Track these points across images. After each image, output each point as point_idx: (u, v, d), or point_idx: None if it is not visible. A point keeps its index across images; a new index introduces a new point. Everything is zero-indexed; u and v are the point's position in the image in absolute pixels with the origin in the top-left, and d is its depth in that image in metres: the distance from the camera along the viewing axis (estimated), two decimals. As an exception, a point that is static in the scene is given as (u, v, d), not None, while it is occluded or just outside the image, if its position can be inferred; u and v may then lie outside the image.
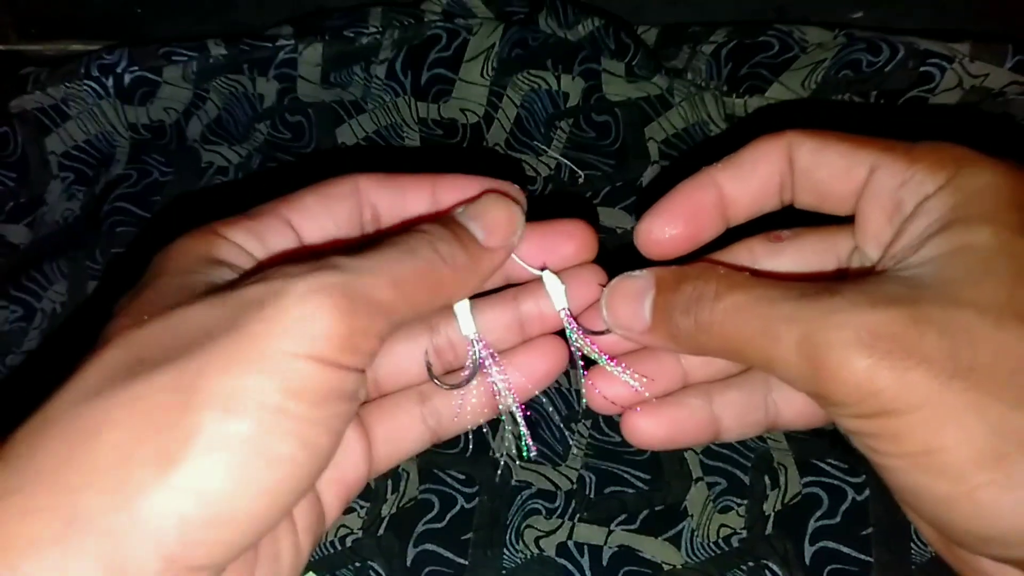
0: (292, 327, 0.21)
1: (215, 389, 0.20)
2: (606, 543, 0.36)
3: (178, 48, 0.46)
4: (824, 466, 0.37)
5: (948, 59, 0.42)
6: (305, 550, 0.25)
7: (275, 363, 0.20)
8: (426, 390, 0.28)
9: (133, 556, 0.19)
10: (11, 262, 0.44)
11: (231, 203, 0.26)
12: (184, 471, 0.19)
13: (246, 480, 0.20)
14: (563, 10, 0.45)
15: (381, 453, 0.28)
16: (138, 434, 0.19)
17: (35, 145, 0.45)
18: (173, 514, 0.19)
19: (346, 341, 0.21)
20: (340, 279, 0.21)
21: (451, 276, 0.24)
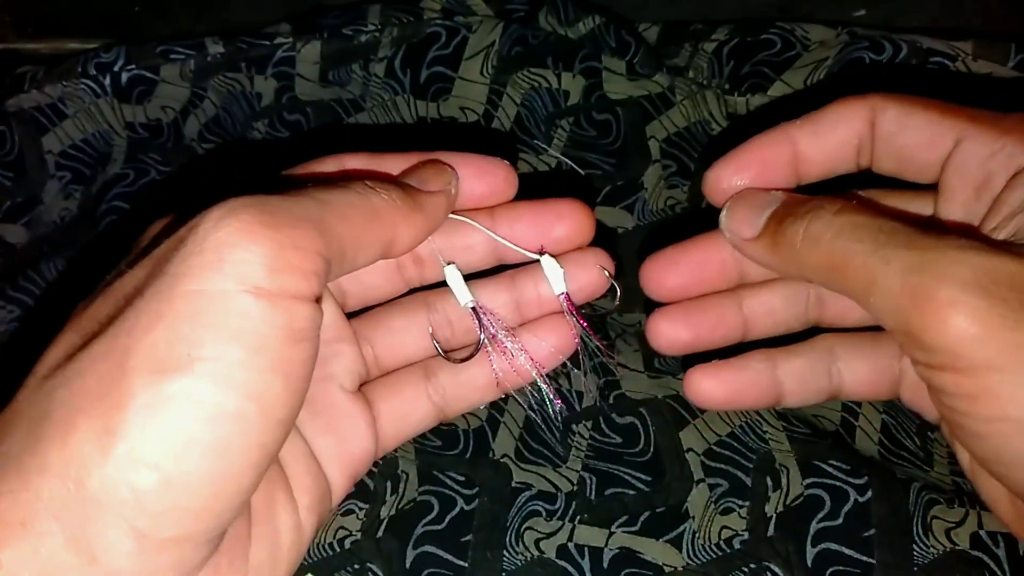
0: (214, 257, 0.19)
1: (146, 345, 0.19)
2: (607, 545, 0.36)
3: (175, 46, 0.46)
4: (826, 467, 0.37)
5: (951, 58, 0.42)
6: (308, 529, 0.24)
7: (204, 303, 0.19)
8: (431, 366, 0.28)
9: (99, 534, 0.18)
10: (9, 262, 0.44)
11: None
12: (124, 441, 0.18)
13: (189, 442, 0.19)
14: (564, 8, 0.45)
15: (388, 431, 0.27)
16: (79, 409, 0.19)
17: (32, 144, 0.45)
18: (124, 487, 0.18)
19: (277, 259, 0.19)
20: (258, 199, 0.20)
21: (388, 206, 0.23)
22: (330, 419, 0.26)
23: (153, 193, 0.45)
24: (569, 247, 0.28)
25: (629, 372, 0.39)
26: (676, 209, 0.43)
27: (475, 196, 0.27)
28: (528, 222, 0.27)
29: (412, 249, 0.25)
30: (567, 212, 0.27)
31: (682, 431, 0.38)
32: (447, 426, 0.38)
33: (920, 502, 0.35)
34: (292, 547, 0.24)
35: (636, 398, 0.38)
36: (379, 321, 0.28)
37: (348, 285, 0.28)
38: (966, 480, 0.37)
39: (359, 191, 0.23)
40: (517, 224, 0.27)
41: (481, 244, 0.27)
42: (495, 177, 0.27)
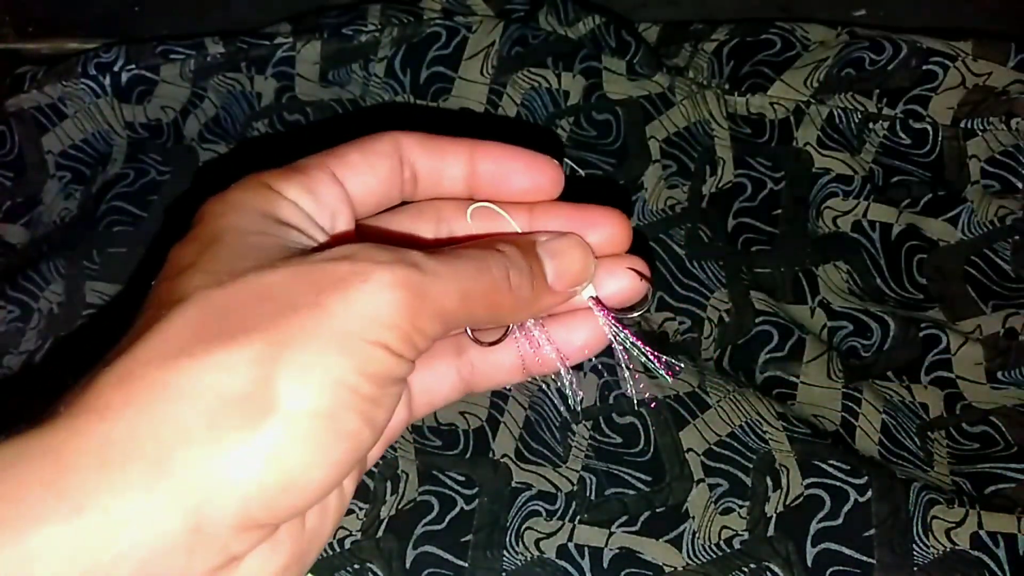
0: (370, 313, 0.22)
1: (296, 362, 0.21)
2: (607, 545, 0.36)
3: (175, 46, 0.46)
4: (826, 467, 0.36)
5: (951, 57, 0.42)
6: (349, 491, 0.26)
7: (351, 344, 0.21)
8: (462, 343, 0.29)
9: (213, 512, 0.20)
10: (8, 262, 0.44)
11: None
12: (267, 440, 0.20)
13: (319, 452, 0.21)
14: (564, 8, 0.45)
15: (419, 401, 0.29)
16: (226, 400, 0.20)
17: (32, 144, 0.45)
18: (255, 479, 0.20)
19: (408, 336, 0.22)
20: (419, 279, 0.22)
21: (511, 303, 0.25)
22: None
23: (153, 193, 0.45)
24: (603, 254, 0.28)
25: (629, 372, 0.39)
26: (676, 209, 0.43)
27: (519, 190, 0.28)
28: (564, 224, 0.28)
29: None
30: (605, 220, 0.28)
31: (682, 431, 0.38)
32: (447, 426, 0.38)
33: (920, 502, 0.35)
34: (337, 508, 0.25)
35: (636, 398, 0.38)
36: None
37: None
38: (966, 480, 0.37)
39: (497, 282, 0.24)
40: (553, 224, 0.28)
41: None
42: (542, 175, 0.27)
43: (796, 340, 0.40)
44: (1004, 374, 0.39)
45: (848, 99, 0.43)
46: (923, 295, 0.42)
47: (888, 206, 0.42)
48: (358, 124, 0.46)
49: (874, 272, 0.42)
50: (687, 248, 0.42)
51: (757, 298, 0.41)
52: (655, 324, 0.41)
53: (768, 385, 0.40)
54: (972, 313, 0.41)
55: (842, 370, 0.40)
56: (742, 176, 0.44)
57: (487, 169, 0.27)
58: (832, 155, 0.43)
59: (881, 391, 0.39)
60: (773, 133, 0.44)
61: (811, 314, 0.42)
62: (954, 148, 0.42)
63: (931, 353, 0.40)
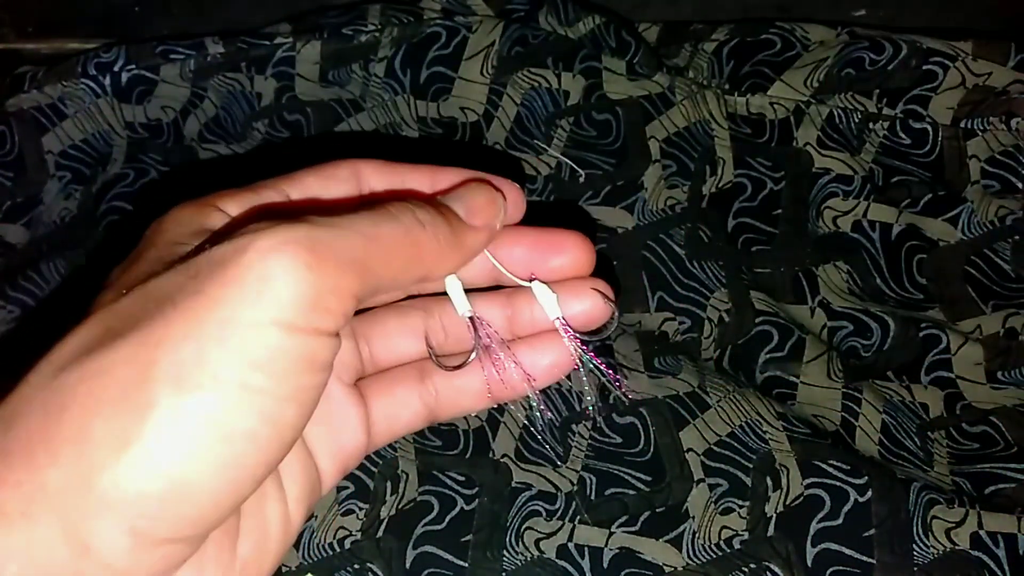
0: (254, 289, 0.20)
1: (172, 361, 0.19)
2: (607, 545, 0.36)
3: (175, 46, 0.46)
4: (826, 467, 0.36)
5: (951, 57, 0.42)
6: (296, 520, 0.25)
7: (236, 331, 0.19)
8: (426, 368, 0.28)
9: (97, 531, 0.19)
10: (8, 262, 0.44)
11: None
12: (140, 448, 0.19)
13: (203, 456, 0.19)
14: (564, 8, 0.45)
15: (379, 428, 0.28)
16: (97, 409, 0.19)
17: (32, 144, 0.45)
18: (132, 490, 0.19)
19: (314, 302, 0.20)
20: (307, 232, 0.20)
21: (431, 244, 0.23)
22: (326, 411, 0.26)
23: (153, 193, 0.45)
24: (566, 277, 0.27)
25: (629, 372, 0.39)
26: (676, 209, 0.43)
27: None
28: (527, 248, 0.27)
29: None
30: (568, 244, 0.27)
31: (682, 431, 0.38)
32: (447, 426, 0.38)
33: (920, 502, 0.35)
34: (280, 538, 0.24)
35: (636, 398, 0.38)
36: (376, 321, 0.28)
37: None
38: (966, 480, 0.37)
39: (407, 227, 0.23)
40: (516, 248, 0.27)
41: (479, 262, 0.27)
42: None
43: (796, 340, 0.40)
44: (1004, 374, 0.39)
45: (848, 99, 0.43)
46: (923, 295, 0.42)
47: (888, 206, 0.42)
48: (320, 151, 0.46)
49: (874, 272, 0.42)
50: (687, 248, 0.42)
51: (757, 298, 0.41)
52: (655, 324, 0.41)
53: (768, 385, 0.40)
54: (972, 313, 0.41)
55: (842, 370, 0.40)
56: (742, 176, 0.44)
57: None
58: (832, 155, 0.43)
59: (881, 391, 0.39)
60: (773, 133, 0.44)
61: (811, 314, 0.42)
62: (954, 148, 0.42)
63: (931, 353, 0.40)
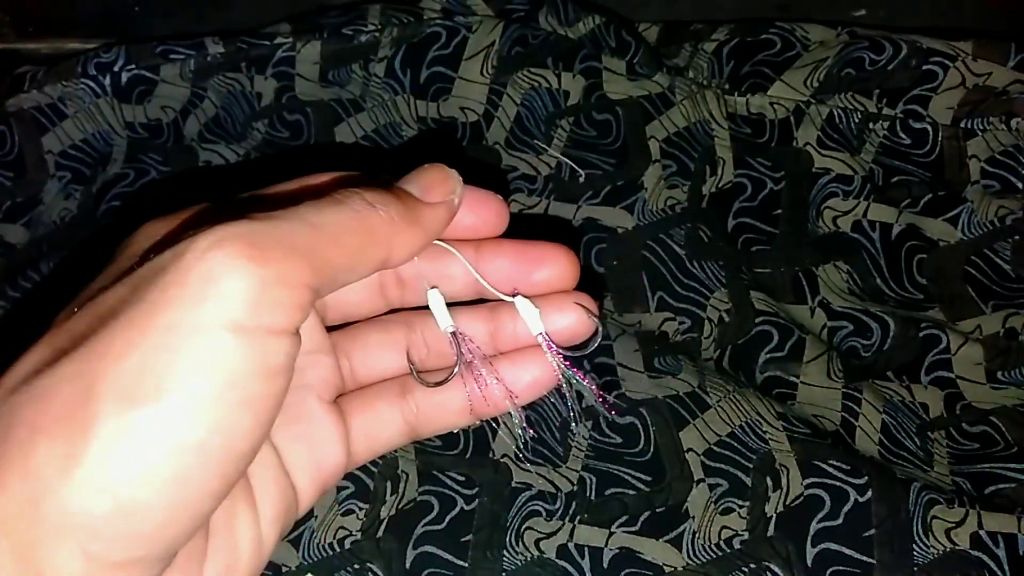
0: (196, 291, 0.19)
1: (115, 374, 0.18)
2: (607, 545, 0.36)
3: (175, 46, 0.46)
4: (826, 467, 0.36)
5: (951, 58, 0.42)
6: (269, 541, 0.24)
7: (179, 337, 0.18)
8: (407, 384, 0.28)
9: (49, 554, 0.18)
10: (8, 262, 0.44)
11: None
12: (84, 467, 0.18)
13: (151, 473, 0.18)
14: (564, 8, 0.45)
15: (359, 446, 0.27)
16: (42, 430, 0.18)
17: (32, 144, 0.45)
18: (79, 513, 0.18)
19: (260, 296, 0.19)
20: (247, 227, 0.19)
21: (384, 224, 0.22)
22: (304, 428, 0.26)
23: (153, 193, 0.45)
24: (550, 291, 0.27)
25: (629, 372, 0.39)
26: (676, 209, 0.43)
27: (464, 227, 0.26)
28: (510, 261, 0.27)
29: (408, 262, 0.24)
30: (551, 257, 0.27)
31: (682, 431, 0.38)
32: (447, 426, 0.38)
33: (920, 502, 0.35)
34: (251, 560, 0.23)
35: (636, 398, 0.38)
36: (357, 336, 0.28)
37: (330, 299, 0.27)
38: (966, 480, 0.37)
39: (356, 209, 0.22)
40: (499, 260, 0.27)
41: (462, 275, 0.27)
42: (487, 210, 0.26)
43: (796, 340, 0.40)
44: (1004, 374, 0.39)
45: (848, 99, 0.43)
46: (923, 295, 0.42)
47: (888, 206, 0.42)
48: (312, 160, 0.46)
49: (874, 272, 0.42)
50: (687, 248, 0.42)
51: (757, 298, 0.41)
52: (655, 324, 0.41)
53: (768, 385, 0.40)
54: (972, 313, 0.41)
55: (842, 370, 0.40)
56: (742, 176, 0.44)
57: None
58: (832, 155, 0.43)
59: (881, 391, 0.39)
60: (773, 133, 0.44)
61: (811, 314, 0.42)
62: (954, 148, 0.42)
63: (931, 353, 0.40)
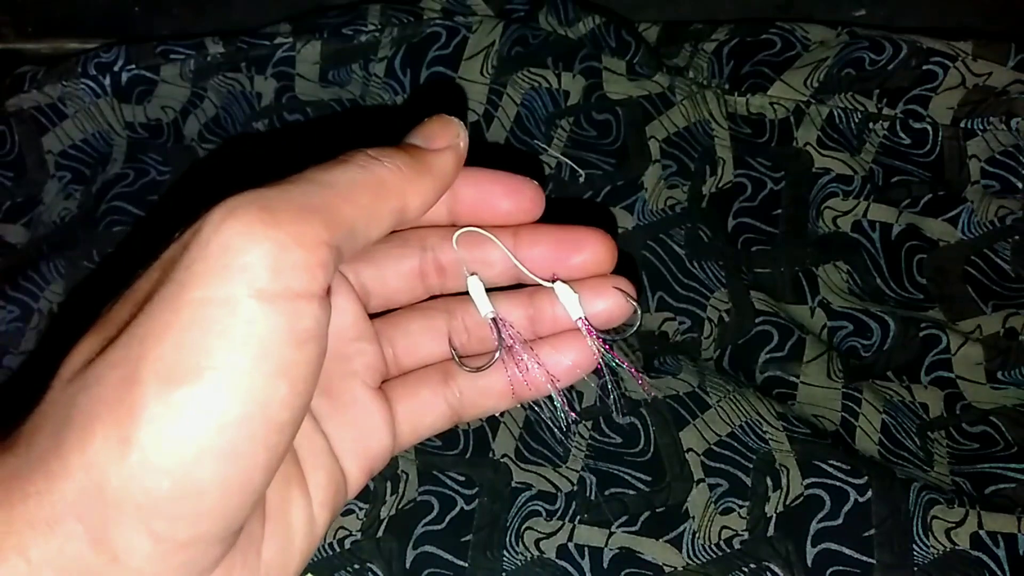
0: (217, 263, 0.19)
1: (156, 356, 0.19)
2: (607, 545, 0.36)
3: (175, 46, 0.46)
4: (826, 467, 0.36)
5: (951, 58, 0.42)
6: (321, 523, 0.25)
7: (209, 312, 0.19)
8: (450, 369, 0.28)
9: (119, 535, 0.19)
10: (8, 262, 0.44)
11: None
12: (138, 449, 0.19)
13: (200, 449, 0.19)
14: (564, 8, 0.45)
15: (404, 429, 0.28)
16: (96, 416, 0.19)
17: (32, 144, 0.45)
18: (140, 492, 0.19)
19: (279, 258, 0.19)
20: (257, 194, 0.20)
21: (394, 175, 0.23)
22: (351, 414, 0.26)
23: (153, 193, 0.45)
24: (588, 275, 0.27)
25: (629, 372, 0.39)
26: (676, 209, 0.43)
27: (501, 213, 0.27)
28: (548, 246, 0.27)
29: (426, 213, 0.24)
30: (589, 241, 0.27)
31: (682, 431, 0.38)
32: (447, 426, 0.38)
33: (920, 502, 0.35)
34: (304, 542, 0.24)
35: (636, 398, 0.38)
36: (399, 323, 0.29)
37: (372, 286, 0.28)
38: (966, 480, 0.37)
39: (362, 164, 0.22)
40: (537, 247, 0.27)
41: (501, 261, 0.27)
42: (523, 196, 0.27)
43: (796, 340, 0.40)
44: (1004, 374, 0.39)
45: (848, 99, 0.43)
46: (923, 295, 0.42)
47: (888, 206, 0.42)
48: (352, 127, 0.46)
49: (874, 272, 0.42)
50: (687, 248, 0.42)
51: (757, 298, 0.41)
52: (655, 324, 0.41)
53: (768, 385, 0.40)
54: (972, 313, 0.41)
55: (842, 370, 0.40)
56: (742, 176, 0.44)
57: (468, 195, 0.27)
58: (832, 155, 0.43)
59: (881, 391, 0.39)
60: (773, 133, 0.44)
61: (811, 314, 0.42)
62: (954, 148, 0.42)
63: (931, 353, 0.40)
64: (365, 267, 0.28)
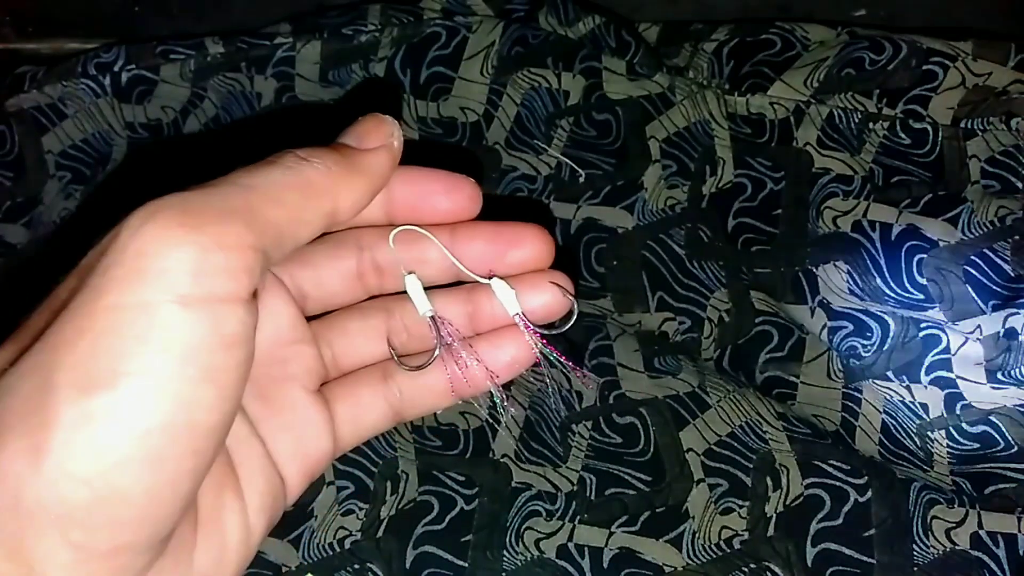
0: (134, 268, 0.19)
1: (71, 363, 0.18)
2: (607, 545, 0.36)
3: (175, 46, 0.46)
4: (826, 467, 0.36)
5: (951, 58, 0.42)
6: (258, 531, 0.24)
7: (126, 317, 0.18)
8: (389, 369, 0.28)
9: (36, 546, 0.18)
10: (8, 262, 0.44)
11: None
12: (52, 459, 0.18)
13: (121, 457, 0.18)
14: (564, 7, 0.45)
15: (344, 431, 0.27)
16: (9, 426, 0.18)
17: (32, 144, 0.45)
18: (56, 501, 0.18)
19: (200, 263, 0.19)
20: (177, 198, 0.19)
21: (322, 175, 0.22)
22: (289, 418, 0.26)
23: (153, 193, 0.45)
24: (525, 271, 0.27)
25: (629, 372, 0.39)
26: (676, 209, 0.43)
27: (439, 211, 0.27)
28: (486, 242, 0.27)
29: (358, 213, 0.24)
30: (526, 237, 0.27)
31: (682, 431, 0.38)
32: (447, 426, 0.38)
33: (920, 502, 0.35)
34: (239, 548, 0.24)
35: (636, 398, 0.38)
36: (337, 324, 0.28)
37: (309, 288, 0.28)
38: (966, 480, 0.37)
39: (289, 165, 0.22)
40: (474, 243, 0.27)
41: (438, 259, 0.27)
42: (460, 194, 0.27)
43: (796, 340, 0.40)
44: (1004, 374, 0.39)
45: (848, 99, 0.43)
46: (923, 295, 0.42)
47: (888, 206, 0.42)
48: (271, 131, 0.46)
49: (874, 272, 0.42)
50: (687, 248, 0.42)
51: (757, 298, 0.41)
52: (655, 324, 0.41)
53: (768, 385, 0.40)
54: (972, 313, 0.41)
55: (842, 370, 0.40)
56: (742, 176, 0.44)
57: (404, 193, 0.26)
58: (832, 155, 0.43)
59: (881, 391, 0.39)
60: (773, 133, 0.44)
61: (811, 314, 0.42)
62: (954, 148, 0.42)
63: (931, 353, 0.40)
64: (301, 269, 0.27)
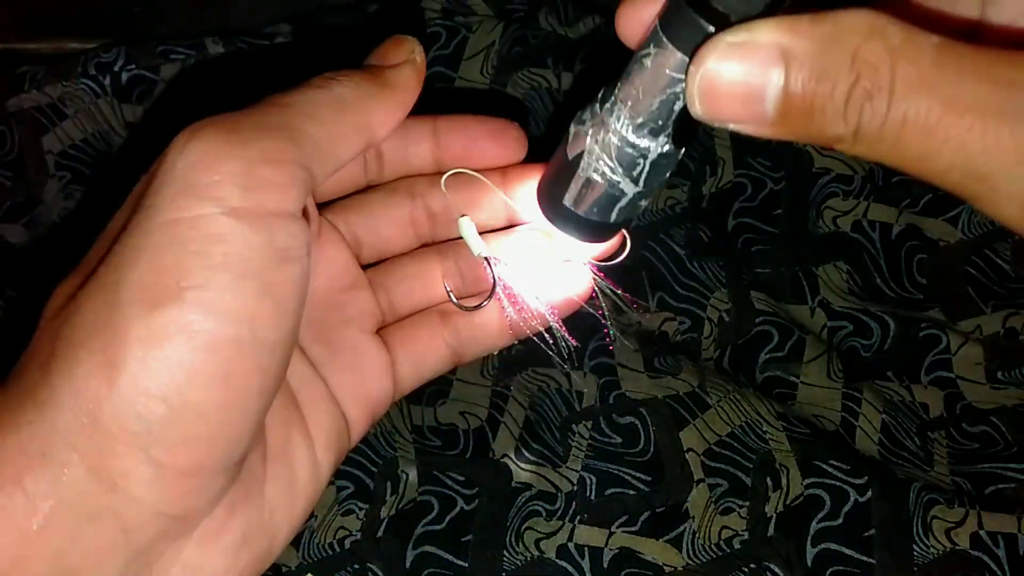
0: (184, 182, 0.19)
1: (135, 279, 0.19)
2: (606, 545, 0.36)
3: (175, 46, 0.46)
4: (826, 467, 0.37)
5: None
6: (325, 466, 0.25)
7: (183, 234, 0.19)
8: (446, 311, 0.29)
9: (117, 463, 0.19)
10: (9, 262, 0.44)
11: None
12: (127, 374, 0.18)
13: (190, 372, 0.19)
14: (563, 7, 0.45)
15: (405, 373, 0.28)
16: (80, 343, 0.19)
17: (32, 144, 0.45)
18: (133, 418, 0.19)
19: (247, 174, 0.19)
20: (222, 118, 0.20)
21: (353, 91, 0.23)
22: (349, 359, 0.27)
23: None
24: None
25: (629, 372, 0.39)
26: (676, 209, 0.43)
27: (487, 156, 0.28)
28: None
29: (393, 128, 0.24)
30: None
31: (682, 431, 0.38)
32: (447, 426, 0.38)
33: (920, 502, 0.35)
34: (309, 484, 0.24)
35: (636, 398, 0.38)
36: (393, 270, 0.29)
37: (364, 236, 0.28)
38: (966, 480, 0.37)
39: (320, 85, 0.23)
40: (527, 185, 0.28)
41: (491, 203, 0.28)
42: (506, 138, 0.28)
43: (796, 340, 0.40)
44: (1004, 374, 0.39)
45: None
46: (923, 295, 0.42)
47: (888, 206, 0.42)
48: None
49: (874, 272, 0.42)
50: (687, 248, 0.42)
51: (757, 298, 0.41)
52: (655, 324, 0.41)
53: (768, 385, 0.40)
54: (972, 313, 0.41)
55: (842, 370, 0.40)
56: (742, 176, 0.44)
57: (452, 140, 0.27)
58: (832, 155, 0.43)
59: (881, 391, 0.39)
60: (773, 133, 0.44)
61: (811, 314, 0.42)
62: (954, 148, 0.42)
63: (931, 353, 0.40)
64: (356, 217, 0.28)
